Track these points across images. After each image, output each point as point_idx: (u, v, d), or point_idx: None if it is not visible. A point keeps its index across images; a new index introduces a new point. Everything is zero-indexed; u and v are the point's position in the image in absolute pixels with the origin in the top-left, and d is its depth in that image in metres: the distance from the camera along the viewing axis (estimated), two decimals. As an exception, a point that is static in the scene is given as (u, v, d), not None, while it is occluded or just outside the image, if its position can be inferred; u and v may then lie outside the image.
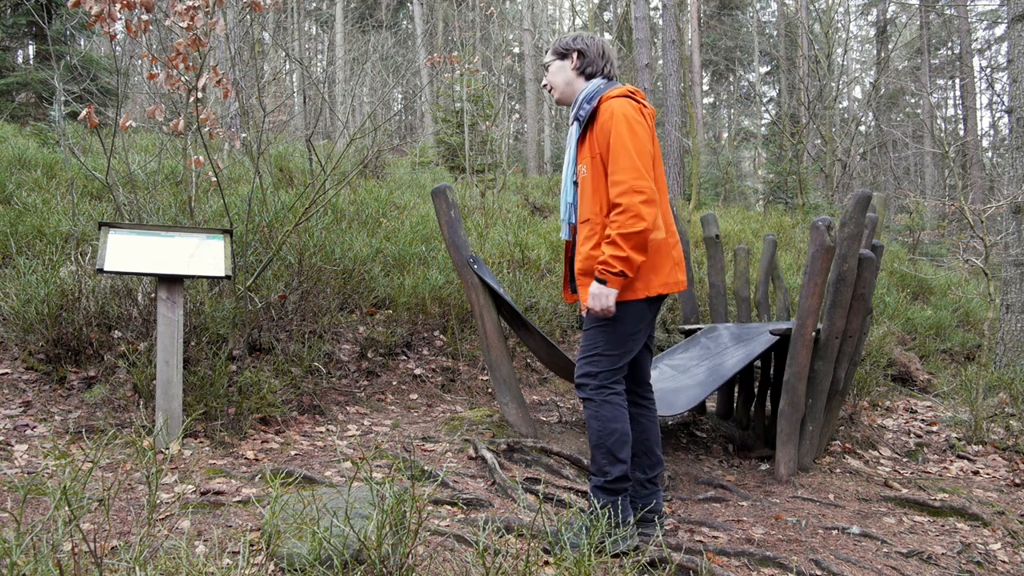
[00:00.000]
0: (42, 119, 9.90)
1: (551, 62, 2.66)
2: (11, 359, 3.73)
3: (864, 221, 3.43)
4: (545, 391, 4.85)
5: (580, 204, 2.55)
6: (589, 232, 2.51)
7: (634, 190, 2.37)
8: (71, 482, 1.61)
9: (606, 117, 2.45)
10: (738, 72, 29.17)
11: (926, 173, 23.78)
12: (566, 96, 2.64)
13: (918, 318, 7.21)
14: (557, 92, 2.65)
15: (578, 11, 28.78)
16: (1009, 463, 4.07)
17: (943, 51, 26.23)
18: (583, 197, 2.53)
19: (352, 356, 4.51)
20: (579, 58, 2.61)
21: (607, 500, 2.42)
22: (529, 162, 19.50)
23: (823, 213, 12.18)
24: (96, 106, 3.84)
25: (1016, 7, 5.91)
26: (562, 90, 2.64)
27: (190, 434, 3.27)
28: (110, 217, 4.94)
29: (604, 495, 2.44)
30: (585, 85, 2.60)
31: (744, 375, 4.22)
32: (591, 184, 2.50)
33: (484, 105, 13.46)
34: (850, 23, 23.82)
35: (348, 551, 1.87)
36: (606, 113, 2.45)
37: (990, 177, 17.22)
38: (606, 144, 2.44)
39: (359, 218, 6.27)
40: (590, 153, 2.50)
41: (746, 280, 4.79)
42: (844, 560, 2.49)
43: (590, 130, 2.51)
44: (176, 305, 3.12)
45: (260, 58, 8.70)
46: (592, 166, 2.49)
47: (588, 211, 2.51)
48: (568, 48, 2.62)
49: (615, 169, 2.41)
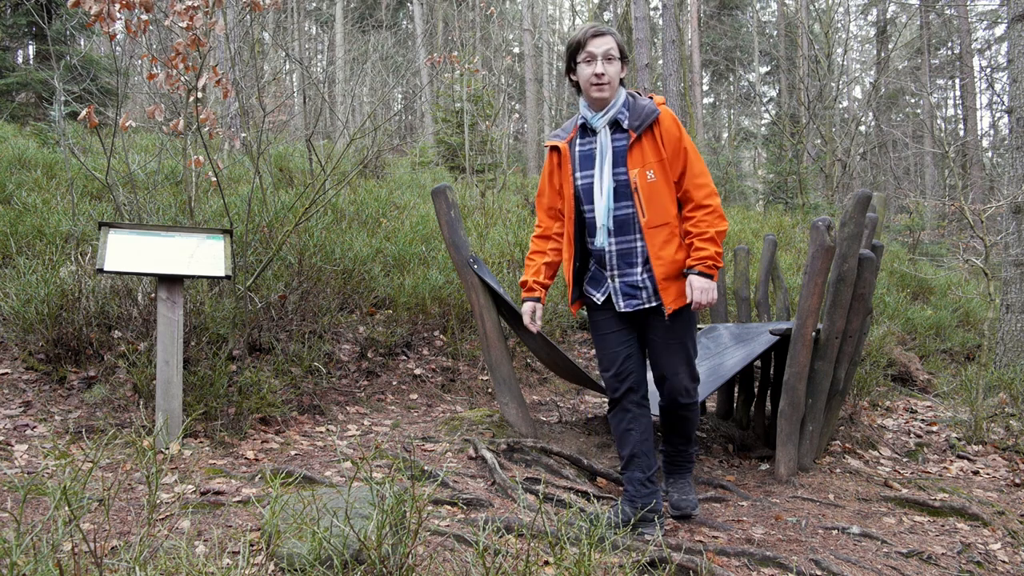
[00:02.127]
0: (42, 119, 9.90)
1: (616, 56, 2.57)
2: (11, 359, 3.73)
3: (864, 221, 3.43)
4: (545, 391, 4.85)
5: (649, 208, 2.53)
6: (668, 236, 2.55)
7: (714, 192, 2.56)
8: (71, 482, 1.61)
9: (671, 124, 2.52)
10: (738, 72, 29.17)
11: (926, 173, 23.79)
12: (610, 95, 2.58)
13: (918, 318, 7.20)
14: (609, 90, 2.57)
15: (578, 11, 28.78)
16: (1009, 463, 4.07)
17: (943, 51, 26.23)
18: (652, 202, 2.53)
19: (352, 356, 4.51)
20: (625, 66, 2.62)
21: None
22: (529, 162, 19.50)
23: (823, 213, 12.19)
24: (96, 106, 3.84)
25: (1016, 7, 5.91)
26: (614, 87, 2.58)
27: (190, 434, 3.27)
28: (110, 217, 4.95)
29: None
30: (620, 90, 2.60)
31: (744, 375, 4.22)
32: (664, 188, 2.53)
33: (484, 105, 13.46)
34: (850, 23, 23.83)
35: (348, 551, 1.87)
36: (669, 120, 2.53)
37: (990, 177, 17.21)
38: (675, 150, 2.52)
39: (359, 218, 6.27)
40: (654, 158, 2.52)
41: (746, 280, 4.79)
42: (844, 560, 2.49)
43: (648, 136, 2.53)
44: (176, 305, 3.12)
45: (260, 58, 8.70)
46: (660, 170, 2.53)
47: (664, 215, 2.54)
48: (626, 53, 2.61)
49: (697, 172, 2.54)
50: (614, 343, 2.69)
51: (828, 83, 15.79)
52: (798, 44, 18.97)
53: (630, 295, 2.63)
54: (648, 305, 2.62)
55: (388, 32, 24.48)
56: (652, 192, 2.53)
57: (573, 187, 2.66)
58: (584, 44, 2.55)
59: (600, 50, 2.54)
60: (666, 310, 2.58)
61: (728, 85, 31.76)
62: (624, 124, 2.56)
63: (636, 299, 2.62)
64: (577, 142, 2.68)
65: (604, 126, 2.58)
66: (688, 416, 2.75)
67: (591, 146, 2.63)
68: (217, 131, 4.15)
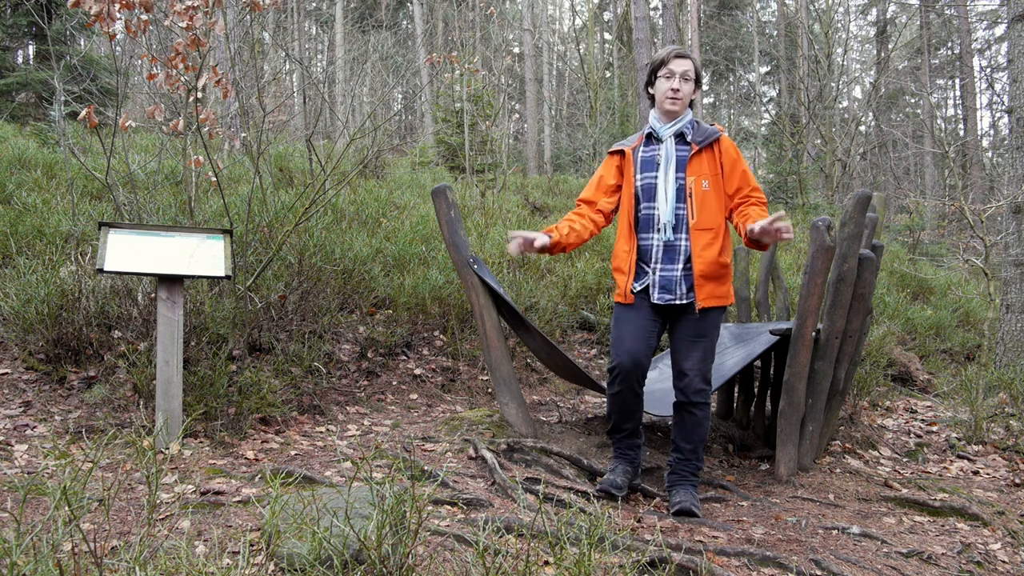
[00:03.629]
0: (42, 119, 9.90)
1: (692, 78, 2.94)
2: (11, 359, 3.73)
3: (864, 221, 3.43)
4: (545, 391, 4.85)
5: (700, 214, 2.86)
6: (712, 239, 2.87)
7: (765, 200, 2.95)
8: (71, 482, 1.61)
9: (729, 146, 2.94)
10: (738, 72, 29.16)
11: (926, 173, 23.78)
12: (681, 110, 2.94)
13: (918, 318, 7.20)
14: (681, 105, 2.93)
15: (578, 11, 28.78)
16: (1009, 463, 4.07)
17: (943, 51, 26.22)
18: (703, 208, 2.87)
19: (352, 356, 4.51)
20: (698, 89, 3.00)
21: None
22: (529, 162, 19.50)
23: (823, 213, 12.18)
24: (96, 106, 3.84)
25: (1016, 7, 5.91)
26: (685, 104, 2.95)
27: (190, 434, 3.27)
28: (110, 217, 4.95)
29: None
30: (688, 111, 2.98)
31: (744, 375, 4.22)
32: (714, 198, 2.89)
33: (484, 105, 13.46)
34: (850, 23, 23.83)
35: (348, 551, 1.87)
36: (729, 143, 2.95)
37: (990, 177, 17.21)
38: (732, 169, 2.91)
39: (359, 218, 6.26)
40: (710, 171, 2.90)
41: (746, 280, 4.79)
42: (844, 560, 2.49)
43: (708, 151, 2.92)
44: (176, 305, 3.12)
45: (260, 58, 8.70)
46: (714, 183, 2.89)
47: (712, 221, 2.87)
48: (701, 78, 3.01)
49: (755, 186, 2.93)
50: (634, 329, 2.93)
51: (828, 83, 15.79)
52: (798, 44, 18.97)
53: (666, 288, 2.90)
54: (680, 302, 2.89)
55: (388, 32, 24.48)
56: (704, 199, 2.87)
57: (633, 187, 2.97)
58: (667, 62, 2.93)
59: (680, 69, 2.91)
60: (697, 305, 2.85)
61: (728, 85, 31.76)
62: (688, 137, 2.92)
63: (671, 294, 2.90)
64: (641, 149, 3.01)
65: (670, 136, 2.94)
66: (698, 416, 2.94)
67: (654, 153, 2.96)
68: (217, 131, 4.15)
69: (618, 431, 3.09)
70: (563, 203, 10.85)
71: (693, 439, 2.98)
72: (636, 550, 2.34)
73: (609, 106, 21.17)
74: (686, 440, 2.99)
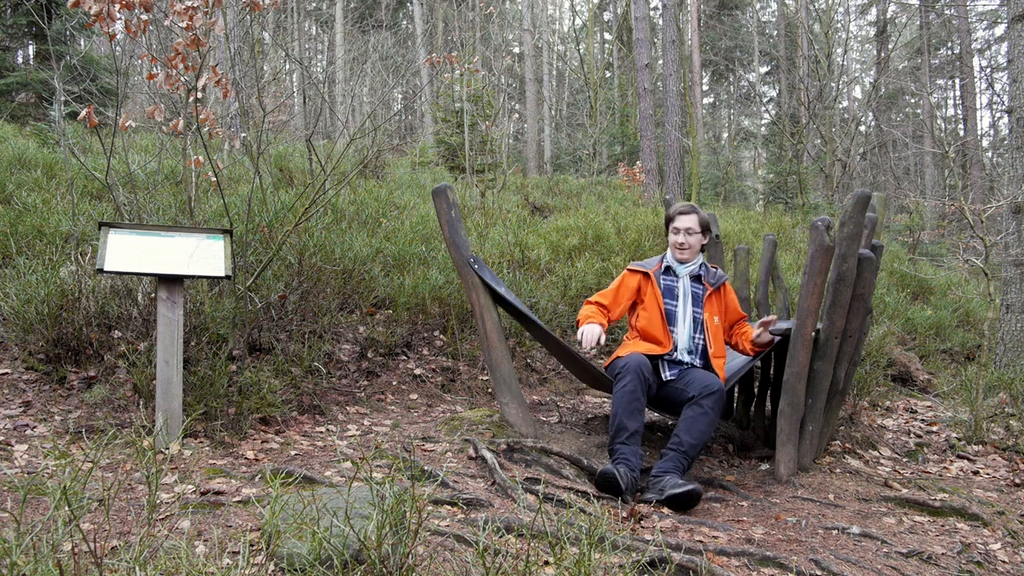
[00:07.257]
0: (42, 119, 9.90)
1: (697, 231, 3.48)
2: (11, 359, 3.73)
3: (864, 221, 3.42)
4: (545, 391, 4.85)
5: (715, 344, 3.48)
6: (721, 364, 3.50)
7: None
8: (71, 482, 1.61)
9: (730, 289, 3.66)
10: (738, 72, 29.15)
11: (926, 173, 23.78)
12: (690, 257, 3.52)
13: (918, 318, 7.20)
14: (689, 254, 3.51)
15: (578, 11, 28.79)
16: (1009, 463, 4.07)
17: (943, 51, 26.21)
18: (716, 339, 3.49)
19: (352, 356, 4.51)
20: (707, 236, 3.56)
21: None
22: (529, 162, 19.51)
23: (823, 213, 12.19)
24: (96, 106, 3.84)
25: (1016, 7, 5.91)
26: (693, 252, 3.51)
27: (190, 434, 3.27)
28: (110, 217, 4.95)
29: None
30: (699, 255, 3.57)
31: (744, 375, 4.22)
32: (720, 331, 3.54)
33: (484, 105, 13.46)
34: (850, 23, 23.82)
35: (348, 551, 1.87)
36: (730, 286, 3.66)
37: (990, 177, 17.21)
38: (733, 308, 3.63)
39: (359, 218, 6.26)
40: (718, 309, 3.54)
41: (746, 280, 4.79)
42: (844, 560, 2.49)
43: (716, 293, 3.54)
44: (176, 305, 3.12)
45: (260, 58, 8.70)
46: (721, 319, 3.55)
47: (721, 349, 3.52)
48: (708, 228, 3.55)
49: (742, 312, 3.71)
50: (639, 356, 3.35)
51: (828, 83, 15.78)
52: (798, 44, 18.97)
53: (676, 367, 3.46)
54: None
55: (388, 32, 24.48)
56: (716, 332, 3.50)
57: (660, 308, 3.47)
58: (673, 219, 3.51)
59: (684, 226, 3.48)
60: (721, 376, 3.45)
61: (728, 85, 31.76)
62: (703, 279, 3.53)
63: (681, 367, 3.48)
64: (661, 275, 3.55)
65: (685, 274, 3.53)
66: (705, 408, 3.15)
67: (673, 283, 3.52)
68: (217, 131, 4.15)
69: (622, 432, 3.09)
70: (563, 203, 10.86)
71: (696, 429, 3.11)
72: (636, 550, 2.34)
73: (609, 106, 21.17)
74: (688, 433, 3.11)
